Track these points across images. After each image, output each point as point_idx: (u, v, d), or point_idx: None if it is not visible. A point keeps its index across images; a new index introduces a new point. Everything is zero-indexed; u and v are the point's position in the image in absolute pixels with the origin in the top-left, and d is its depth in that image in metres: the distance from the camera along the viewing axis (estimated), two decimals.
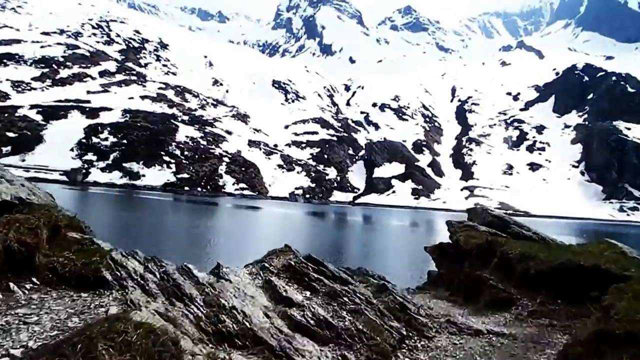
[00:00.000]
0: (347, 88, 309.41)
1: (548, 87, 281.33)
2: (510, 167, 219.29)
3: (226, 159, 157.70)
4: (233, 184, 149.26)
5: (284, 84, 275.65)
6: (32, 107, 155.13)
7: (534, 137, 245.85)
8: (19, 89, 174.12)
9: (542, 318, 9.87)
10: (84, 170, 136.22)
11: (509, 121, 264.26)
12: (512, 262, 11.21)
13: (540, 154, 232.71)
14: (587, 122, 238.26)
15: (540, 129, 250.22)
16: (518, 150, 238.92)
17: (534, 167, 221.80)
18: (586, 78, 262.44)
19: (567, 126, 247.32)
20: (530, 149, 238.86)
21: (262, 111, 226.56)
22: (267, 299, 8.28)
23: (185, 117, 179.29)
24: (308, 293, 9.11)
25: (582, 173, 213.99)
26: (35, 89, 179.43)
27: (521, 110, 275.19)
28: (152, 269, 7.34)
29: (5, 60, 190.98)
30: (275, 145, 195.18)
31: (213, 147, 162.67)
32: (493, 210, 15.48)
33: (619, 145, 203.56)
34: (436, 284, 14.85)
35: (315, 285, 9.34)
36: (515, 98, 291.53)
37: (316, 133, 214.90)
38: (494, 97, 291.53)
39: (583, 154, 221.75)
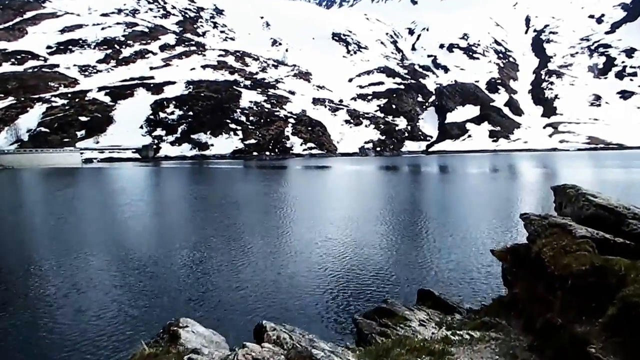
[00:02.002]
0: (411, 32, 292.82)
1: (637, 4, 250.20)
2: (598, 98, 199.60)
3: (292, 120, 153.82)
4: (301, 145, 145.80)
5: (344, 35, 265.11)
6: (99, 89, 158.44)
7: (623, 62, 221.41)
8: (86, 73, 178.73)
9: None
10: (154, 146, 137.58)
11: (593, 47, 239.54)
12: None
13: (631, 79, 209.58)
14: None
15: (630, 52, 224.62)
16: (606, 78, 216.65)
17: (625, 94, 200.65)
18: None
19: None
20: (620, 75, 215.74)
21: (324, 67, 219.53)
22: None
23: (247, 82, 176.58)
24: None
25: None
26: (100, 71, 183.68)
27: (607, 33, 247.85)
28: None
29: (70, 47, 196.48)
30: (341, 101, 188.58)
31: (277, 109, 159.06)
32: (596, 196, 8.43)
33: None
34: (509, 310, 7.75)
35: None
36: (599, 20, 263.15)
37: (382, 83, 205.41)
38: (575, 22, 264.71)
39: None
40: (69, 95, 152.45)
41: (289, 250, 16.35)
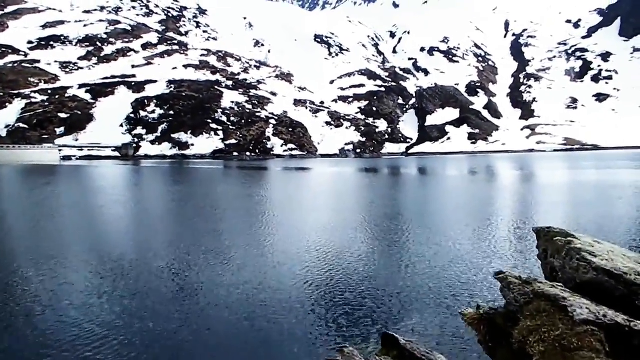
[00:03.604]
0: (393, 35, 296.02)
1: (613, 9, 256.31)
2: (575, 101, 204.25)
3: (273, 121, 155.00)
4: (282, 146, 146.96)
5: (327, 37, 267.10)
6: (80, 86, 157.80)
7: (599, 65, 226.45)
8: (67, 70, 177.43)
9: None
10: (134, 145, 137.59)
11: (570, 51, 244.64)
12: None
13: (607, 83, 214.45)
14: None
15: (605, 56, 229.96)
16: (582, 81, 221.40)
17: (600, 98, 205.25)
18: None
19: (636, 50, 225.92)
20: (596, 79, 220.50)
21: (305, 68, 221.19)
22: None
23: (229, 83, 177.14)
24: None
25: None
26: (82, 68, 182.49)
27: (583, 38, 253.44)
28: None
29: (52, 43, 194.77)
30: (322, 103, 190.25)
31: (259, 110, 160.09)
32: (595, 253, 6.19)
33: None
34: None
35: None
36: (576, 25, 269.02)
37: (363, 85, 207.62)
38: (552, 27, 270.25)
39: None
40: (49, 91, 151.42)
41: (246, 274, 14.28)
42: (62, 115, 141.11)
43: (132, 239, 21.21)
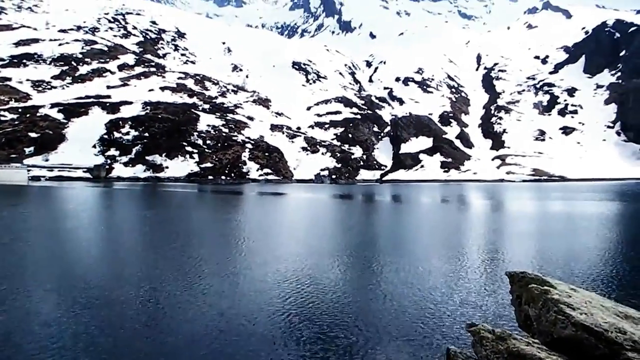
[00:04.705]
0: (369, 64, 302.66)
1: (578, 48, 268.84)
2: (542, 133, 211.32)
3: (249, 145, 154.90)
4: (257, 170, 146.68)
5: (304, 64, 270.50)
6: (52, 105, 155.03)
7: (565, 100, 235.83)
8: (40, 89, 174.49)
9: None
10: (107, 166, 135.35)
11: (538, 86, 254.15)
12: None
13: (572, 117, 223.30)
14: (620, 81, 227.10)
15: (571, 91, 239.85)
16: (549, 115, 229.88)
17: (567, 130, 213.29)
18: (617, 35, 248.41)
19: (599, 86, 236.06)
20: (562, 112, 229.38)
21: (283, 94, 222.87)
22: None
23: (206, 106, 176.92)
24: None
25: (618, 133, 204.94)
26: (55, 87, 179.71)
27: (550, 73, 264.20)
28: None
29: (24, 61, 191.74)
30: (298, 128, 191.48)
31: (235, 134, 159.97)
32: (574, 306, 5.73)
33: None
34: None
35: None
36: (544, 61, 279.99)
37: (339, 112, 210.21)
38: (522, 62, 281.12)
39: (618, 113, 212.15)
40: (20, 110, 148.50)
41: (219, 304, 14.05)
42: (33, 135, 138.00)
43: (103, 265, 19.65)
